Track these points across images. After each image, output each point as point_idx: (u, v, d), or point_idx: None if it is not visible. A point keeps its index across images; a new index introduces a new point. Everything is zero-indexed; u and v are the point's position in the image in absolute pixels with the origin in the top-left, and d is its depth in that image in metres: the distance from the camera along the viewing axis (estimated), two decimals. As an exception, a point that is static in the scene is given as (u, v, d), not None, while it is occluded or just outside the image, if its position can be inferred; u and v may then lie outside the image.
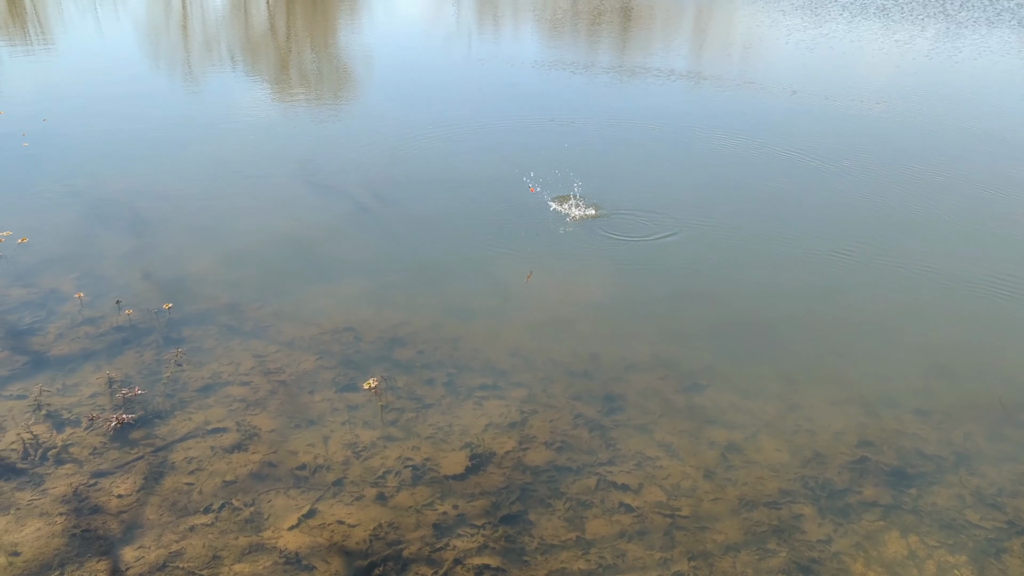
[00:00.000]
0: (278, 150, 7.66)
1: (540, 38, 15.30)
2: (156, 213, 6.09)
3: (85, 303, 4.75)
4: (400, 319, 4.79)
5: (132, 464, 3.49)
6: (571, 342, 4.61)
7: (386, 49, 13.77)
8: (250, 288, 5.07)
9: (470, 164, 7.44)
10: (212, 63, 12.41)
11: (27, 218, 5.84)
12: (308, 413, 3.91)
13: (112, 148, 7.56)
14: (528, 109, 9.54)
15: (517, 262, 5.53)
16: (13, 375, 4.07)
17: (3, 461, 3.46)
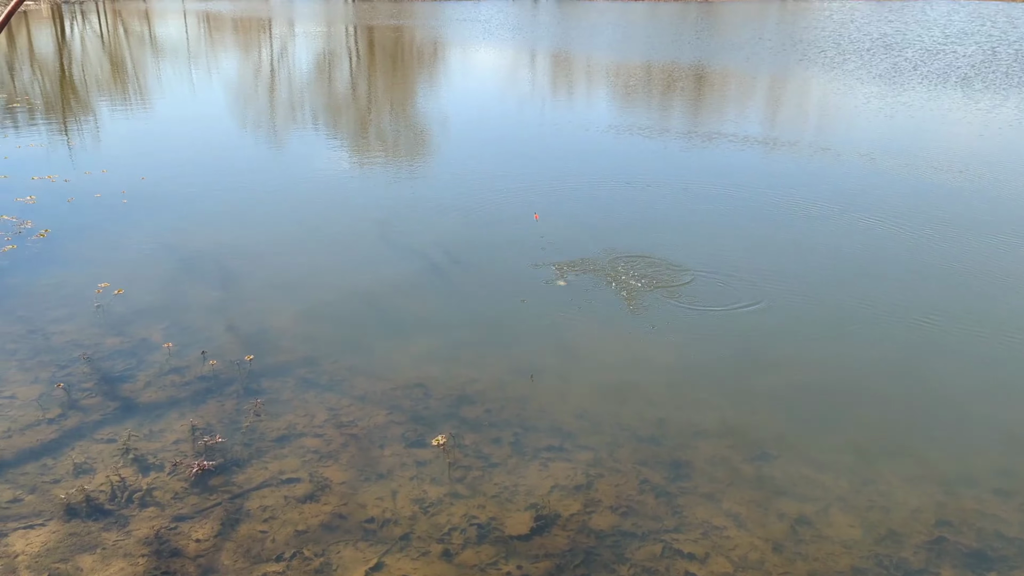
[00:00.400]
0: (356, 209, 7.96)
1: (614, 103, 15.56)
2: (241, 268, 6.38)
3: (173, 353, 4.99)
4: (469, 377, 4.88)
5: (211, 510, 3.63)
6: (638, 406, 4.62)
7: (462, 112, 14.21)
8: (326, 342, 5.25)
9: (542, 225, 7.57)
10: (296, 125, 13.02)
11: (124, 270, 6.19)
12: (378, 467, 4.00)
13: (202, 205, 7.98)
14: (602, 172, 9.69)
15: (587, 324, 5.59)
16: (104, 420, 4.29)
17: (92, 502, 3.64)
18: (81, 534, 3.43)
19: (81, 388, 4.56)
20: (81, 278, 6.00)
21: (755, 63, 20.93)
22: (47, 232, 6.83)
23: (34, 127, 11.46)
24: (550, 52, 24.53)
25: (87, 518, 3.53)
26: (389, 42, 26.59)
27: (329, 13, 36.70)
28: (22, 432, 4.13)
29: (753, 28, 32.69)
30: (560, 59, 22.90)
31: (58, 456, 3.96)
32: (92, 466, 3.89)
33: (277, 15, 34.67)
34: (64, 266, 6.26)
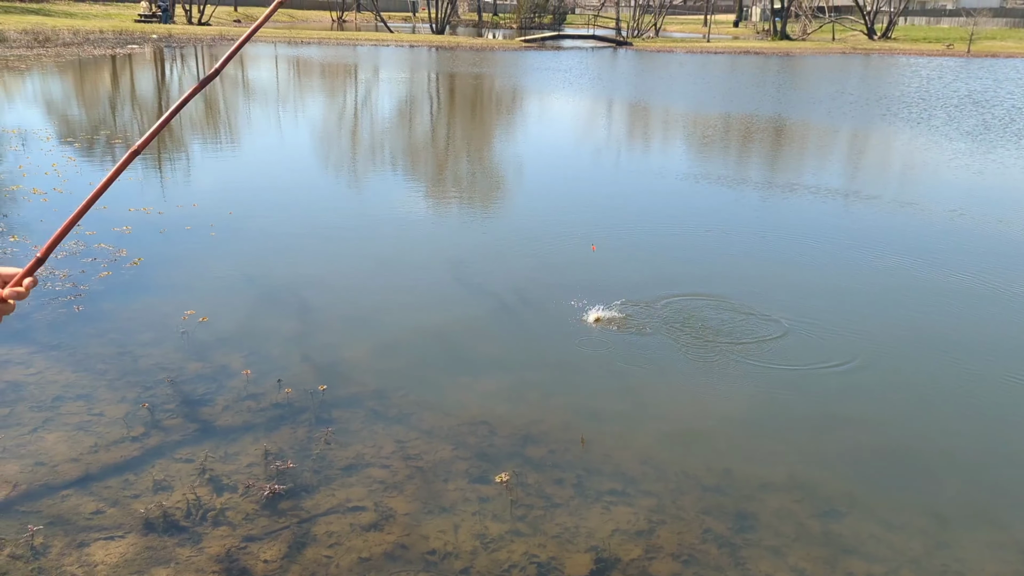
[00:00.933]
0: (430, 249, 8.15)
1: (690, 152, 15.58)
2: (318, 301, 6.59)
3: (250, 379, 5.18)
4: (534, 417, 4.92)
5: (279, 532, 3.73)
6: (704, 455, 4.57)
7: (537, 158, 14.43)
8: (396, 376, 5.37)
9: (615, 270, 7.61)
10: (376, 166, 13.44)
11: (209, 299, 6.47)
12: (441, 500, 4.06)
13: (285, 240, 8.29)
14: (678, 219, 9.70)
15: (656, 370, 5.58)
16: (184, 440, 4.47)
17: (169, 518, 3.79)
18: (157, 548, 3.58)
19: (164, 409, 4.77)
20: (169, 305, 6.30)
21: (837, 117, 20.69)
22: (140, 260, 7.20)
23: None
24: (628, 101, 24.75)
25: (163, 533, 3.68)
26: (469, 89, 27.26)
27: (413, 60, 37.89)
28: (107, 448, 4.34)
29: (835, 82, 32.37)
30: (637, 108, 23.08)
31: (139, 472, 4.14)
32: (170, 483, 4.05)
33: (363, 61, 35.97)
34: (154, 293, 6.58)
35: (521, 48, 49.70)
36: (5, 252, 7.24)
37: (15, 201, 9.10)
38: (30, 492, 3.91)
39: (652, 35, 66.55)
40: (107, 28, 41.91)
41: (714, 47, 54.32)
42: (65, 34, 36.62)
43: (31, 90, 20.51)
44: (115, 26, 43.70)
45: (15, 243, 7.53)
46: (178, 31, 44.94)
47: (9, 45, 30.42)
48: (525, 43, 52.80)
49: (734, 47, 54.76)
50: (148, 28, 44.96)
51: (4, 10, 46.22)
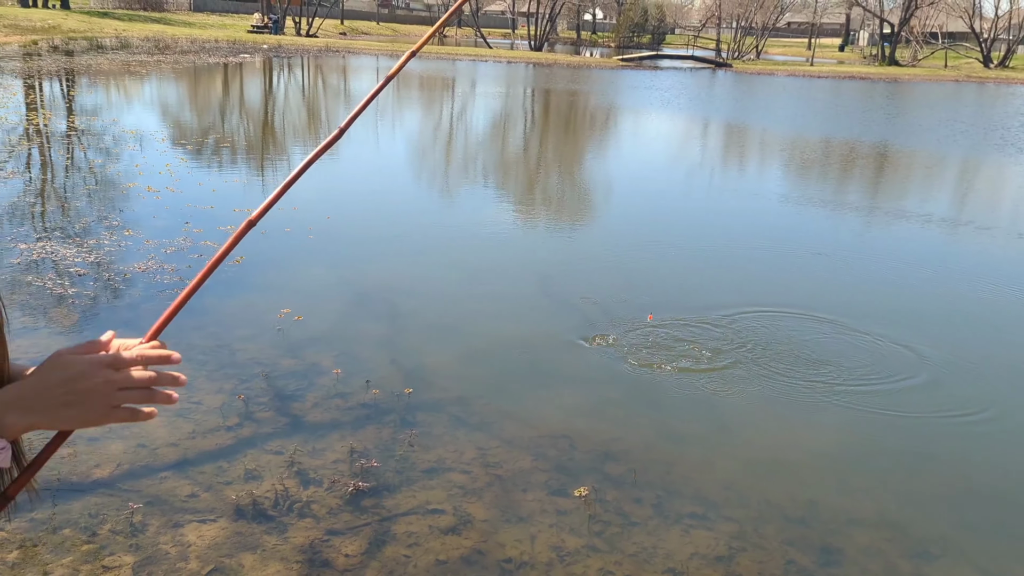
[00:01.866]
0: (517, 262, 8.22)
1: (787, 174, 15.24)
2: (408, 307, 6.73)
3: (340, 379, 5.33)
4: (615, 434, 4.89)
5: (360, 528, 3.82)
6: (789, 485, 4.45)
7: (629, 176, 14.38)
8: (480, 385, 5.43)
9: (705, 290, 7.51)
10: (468, 179, 13.64)
11: (304, 299, 6.69)
12: (519, 510, 4.07)
13: (378, 246, 8.51)
14: (771, 241, 9.49)
15: (743, 396, 5.47)
16: (275, 433, 4.63)
17: (258, 506, 3.93)
18: (246, 534, 3.71)
19: (257, 401, 4.96)
20: (267, 303, 6.54)
21: (948, 145, 19.87)
22: (242, 259, 7.50)
23: (237, 165, 12.67)
24: (724, 122, 24.39)
25: (252, 520, 3.82)
26: (564, 105, 27.39)
27: (510, 76, 38.34)
28: (204, 435, 4.53)
29: (947, 109, 31.11)
30: (734, 129, 22.72)
31: (232, 461, 4.31)
32: (260, 474, 4.20)
33: (461, 75, 36.63)
34: (253, 291, 6.85)
35: (618, 67, 49.66)
36: (120, 246, 7.67)
37: (130, 198, 9.64)
38: (132, 472, 4.13)
39: (753, 57, 65.47)
40: (222, 38, 44.03)
41: (817, 71, 53.01)
42: (183, 42, 38.67)
43: (149, 94, 21.71)
44: (229, 36, 45.87)
45: (129, 237, 7.96)
46: (287, 42, 46.81)
47: (132, 51, 32.30)
48: (622, 62, 52.75)
49: (838, 71, 53.29)
50: (259, 38, 46.99)
51: (129, 18, 49.15)
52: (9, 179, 10.16)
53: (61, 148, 12.75)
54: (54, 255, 7.29)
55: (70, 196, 9.79)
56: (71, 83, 21.25)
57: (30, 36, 33.50)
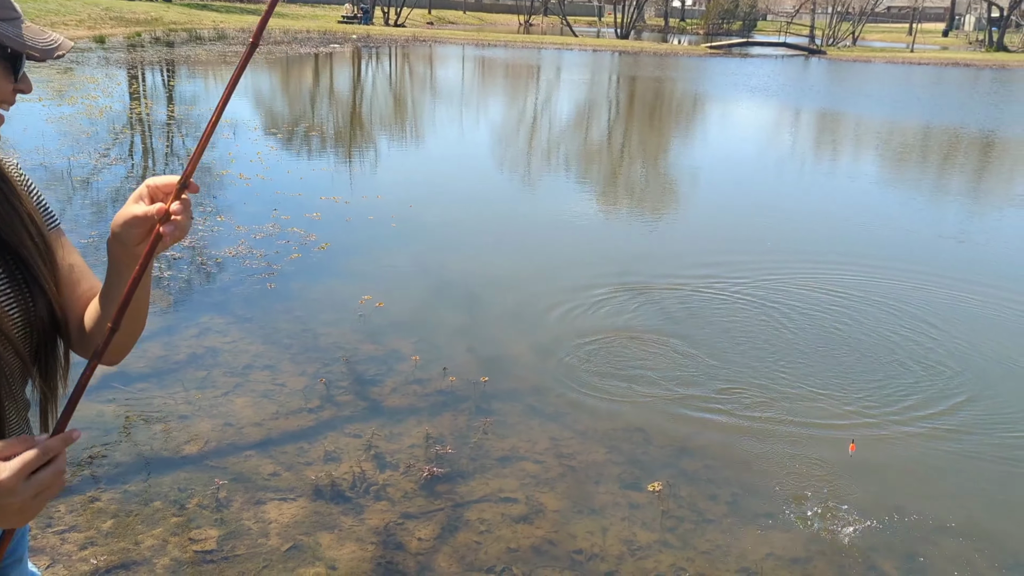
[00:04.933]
0: (597, 254, 8.16)
1: (880, 168, 14.65)
2: (486, 296, 6.78)
3: (418, 365, 5.42)
4: (692, 430, 4.82)
5: (434, 513, 3.88)
6: (875, 489, 4.30)
7: (715, 165, 14.09)
8: (555, 376, 5.43)
9: (793, 292, 7.31)
10: (550, 168, 13.62)
11: (385, 286, 6.82)
12: (591, 502, 4.06)
13: (459, 235, 8.59)
14: (866, 231, 9.16)
15: (825, 396, 5.31)
16: (354, 416, 4.75)
17: (336, 487, 4.04)
18: (323, 514, 3.82)
19: (338, 385, 5.08)
20: (350, 289, 6.70)
21: (1055, 135, 18.73)
22: (327, 245, 7.70)
23: (325, 153, 12.98)
24: (816, 110, 23.60)
25: (330, 501, 3.93)
26: (649, 93, 27.01)
27: (595, 63, 38.02)
28: (287, 416, 4.68)
29: (1057, 96, 29.31)
30: (826, 117, 21.96)
31: (313, 442, 4.44)
32: (339, 455, 4.31)
33: (546, 63, 36.53)
34: (337, 277, 7.02)
35: (706, 54, 48.64)
36: (213, 231, 7.97)
37: (224, 185, 10.00)
38: (219, 449, 4.30)
39: (849, 44, 63.09)
40: (313, 28, 45.13)
41: (918, 57, 50.70)
42: (276, 33, 39.80)
43: (243, 83, 22.43)
44: (320, 26, 46.97)
45: (221, 223, 8.26)
46: (376, 32, 47.61)
47: (228, 42, 33.42)
48: (711, 49, 51.63)
49: (941, 58, 50.83)
50: (349, 28, 47.94)
51: (227, 10, 50.86)
52: (113, 165, 10.67)
53: (161, 136, 13.33)
54: (152, 239, 7.64)
55: (168, 182, 10.22)
56: (171, 73, 22.16)
57: (134, 28, 35.08)
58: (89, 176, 9.93)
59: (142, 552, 3.47)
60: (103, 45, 27.67)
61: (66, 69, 20.26)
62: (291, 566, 3.45)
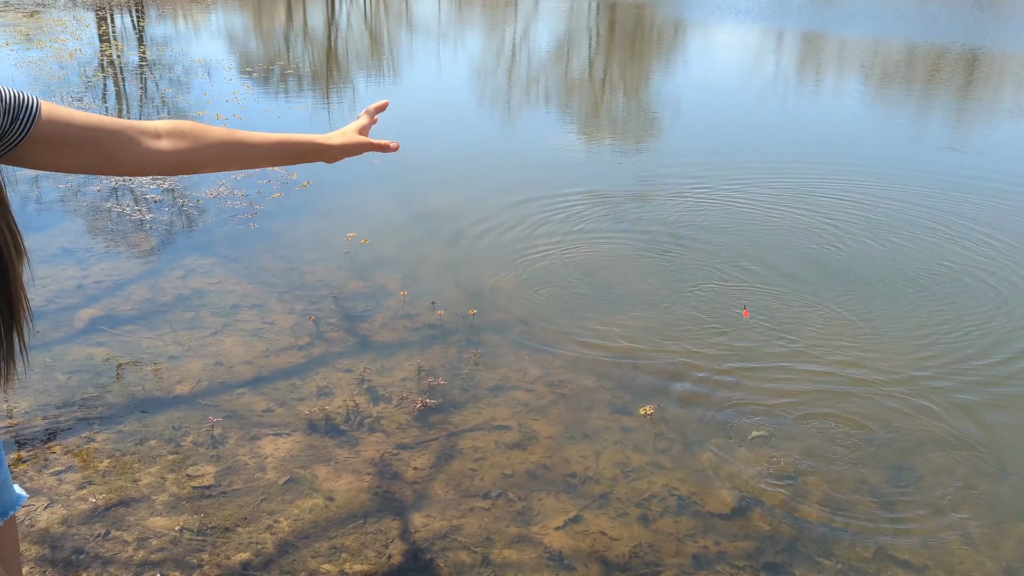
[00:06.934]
0: (583, 185, 8.09)
1: (865, 91, 14.53)
2: (470, 230, 6.73)
3: (406, 300, 5.41)
4: (680, 355, 4.85)
5: (428, 443, 3.92)
6: (862, 405, 4.37)
7: (697, 96, 13.92)
8: (543, 306, 5.44)
9: (773, 215, 7.30)
10: (530, 101, 13.41)
11: (370, 223, 6.76)
12: (583, 427, 4.11)
13: (442, 171, 8.49)
14: (852, 162, 9.13)
15: (815, 312, 5.35)
16: (345, 352, 4.75)
17: (330, 421, 4.06)
18: (319, 447, 3.85)
19: (327, 322, 5.07)
20: (334, 227, 6.63)
21: (1039, 53, 18.58)
22: (309, 184, 7.60)
23: (303, 93, 12.72)
24: (800, 33, 23.27)
25: (324, 434, 3.95)
26: (630, 21, 26.50)
27: (573, -7, 37.18)
28: (277, 354, 4.68)
29: (1041, 14, 28.96)
30: (811, 40, 21.68)
31: (304, 378, 4.44)
32: (332, 391, 4.33)
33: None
34: (320, 215, 6.95)
35: (687, -20, 47.57)
36: (192, 172, 7.83)
37: (201, 126, 9.79)
38: (211, 388, 4.30)
39: (831, -35, 61.84)
40: (283, -36, 43.63)
41: (901, -23, 49.73)
42: (246, -30, 38.48)
43: (215, 23, 21.82)
44: (290, -38, 45.42)
45: (200, 164, 8.12)
46: (348, -34, 46.16)
47: (197, -19, 32.34)
48: (691, -25, 50.45)
49: (925, -23, 49.90)
50: (320, -36, 46.41)
51: (193, -52, 49.05)
52: (87, 109, 10.39)
53: (134, 79, 12.99)
54: (131, 182, 7.50)
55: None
56: (140, 14, 21.50)
57: (98, -31, 33.86)
58: (61, 121, 9.69)
59: (140, 490, 3.49)
60: (67, -13, 26.72)
61: (32, 13, 19.62)
62: (289, 498, 3.49)
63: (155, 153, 1.56)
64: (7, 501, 1.67)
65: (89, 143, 1.50)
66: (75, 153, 1.49)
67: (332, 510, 3.44)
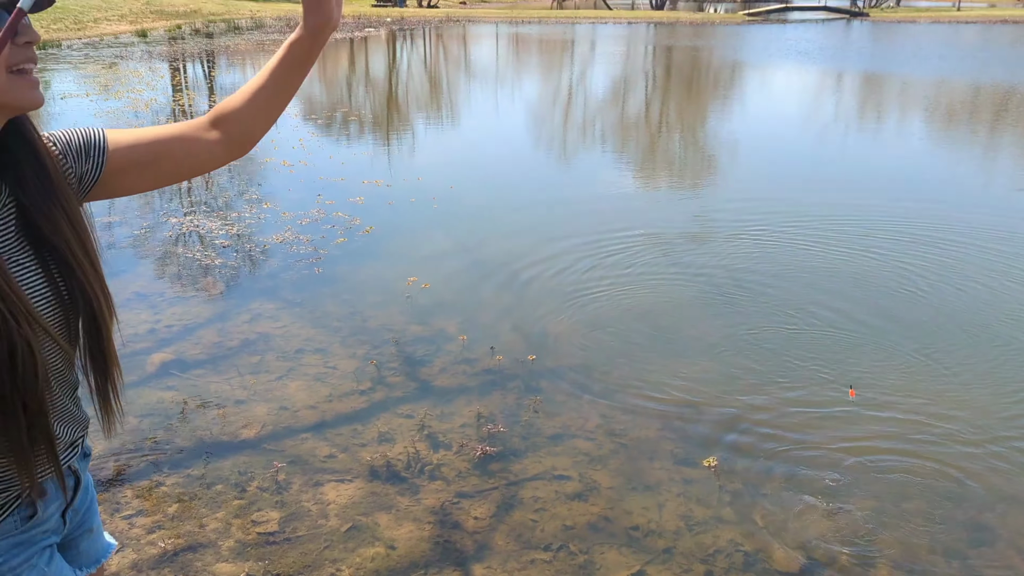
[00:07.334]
0: (639, 228, 8.07)
1: (929, 131, 14.25)
2: (529, 274, 6.76)
3: (465, 345, 5.44)
4: (744, 404, 4.76)
5: (488, 492, 3.91)
6: (940, 462, 4.21)
7: (755, 137, 13.83)
8: (603, 352, 5.41)
9: (840, 262, 7.17)
10: (587, 143, 13.50)
11: (430, 267, 6.85)
12: (645, 478, 4.05)
13: (499, 214, 8.58)
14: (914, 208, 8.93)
15: (886, 369, 5.21)
16: (405, 397, 4.79)
17: (391, 467, 4.08)
18: (380, 494, 3.87)
19: (388, 367, 5.13)
20: (395, 271, 6.74)
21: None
22: (371, 229, 7.75)
23: (364, 137, 13.04)
24: (859, 73, 23.01)
25: (386, 481, 3.98)
26: (686, 64, 26.58)
27: (630, 36, 37.52)
28: (340, 398, 4.74)
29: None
30: (872, 81, 21.41)
31: (366, 423, 4.49)
32: (393, 436, 4.36)
33: (580, 38, 36.14)
34: (382, 259, 7.07)
35: (744, 22, 47.69)
36: (260, 218, 8.07)
37: (267, 172, 10.11)
38: (275, 432, 4.37)
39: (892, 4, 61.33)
40: (348, 13, 45.17)
41: (965, 16, 49.11)
42: (311, 20, 39.83)
43: (282, 71, 22.55)
44: (355, 11, 47.01)
45: (267, 210, 8.37)
46: (409, 14, 47.55)
47: (266, 31, 33.68)
48: (748, 16, 50.61)
49: (990, 16, 49.17)
50: (383, 12, 47.95)
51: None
52: (159, 157, 10.84)
53: (203, 126, 13.48)
54: (200, 228, 7.76)
55: (213, 172, 10.37)
56: (211, 64, 22.41)
57: (174, 21, 35.47)
58: (136, 168, 10.11)
59: (207, 535, 3.55)
60: (145, 39, 28.05)
61: (111, 64, 20.62)
62: (351, 546, 3.51)
63: (215, 144, 1.56)
64: (99, 549, 1.72)
65: (162, 157, 1.52)
66: (151, 171, 1.53)
67: (394, 559, 3.44)
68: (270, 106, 1.55)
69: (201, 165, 1.58)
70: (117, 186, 1.50)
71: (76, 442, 1.54)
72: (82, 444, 1.58)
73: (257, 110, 1.56)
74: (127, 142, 1.48)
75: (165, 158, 1.53)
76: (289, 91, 1.55)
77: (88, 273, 1.41)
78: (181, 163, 1.55)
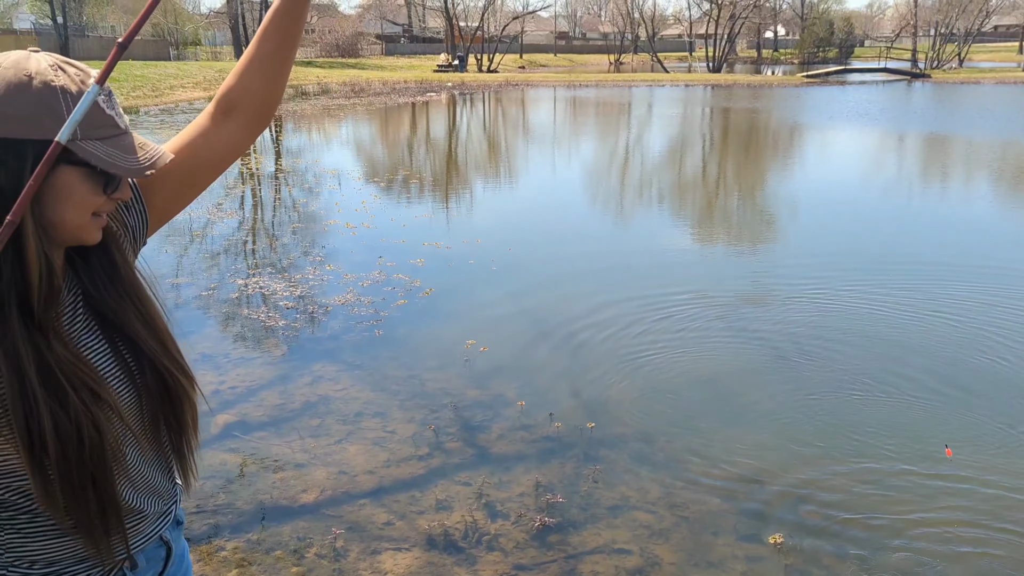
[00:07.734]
0: (699, 291, 7.99)
1: (996, 192, 13.91)
2: (588, 338, 6.73)
3: (523, 411, 5.41)
4: (811, 478, 4.61)
5: (547, 565, 3.83)
6: (1018, 537, 3.99)
7: (814, 198, 13.67)
8: (664, 420, 5.32)
9: (909, 326, 6.97)
10: (644, 205, 13.52)
11: (488, 330, 6.88)
12: (708, 554, 3.93)
13: (558, 276, 8.61)
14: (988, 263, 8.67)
15: (952, 442, 5.00)
16: (463, 463, 4.77)
17: (448, 537, 4.05)
18: (437, 564, 3.83)
19: (446, 432, 5.13)
20: (454, 334, 6.78)
21: None
22: (431, 291, 7.84)
23: (424, 200, 13.30)
24: (921, 134, 22.68)
25: (443, 551, 3.94)
26: (744, 125, 26.59)
27: (687, 98, 37.81)
28: (398, 464, 4.74)
29: None
30: (936, 142, 21.08)
31: (424, 490, 4.47)
32: (450, 504, 4.33)
33: (637, 100, 36.53)
34: (441, 322, 7.13)
35: (803, 84, 47.66)
36: (323, 280, 8.24)
37: (330, 234, 10.36)
38: (334, 498, 4.38)
39: (955, 66, 60.69)
40: (410, 79, 46.64)
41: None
42: (376, 85, 41.34)
43: (345, 134, 23.34)
44: (417, 76, 48.50)
45: (331, 271, 8.55)
46: (470, 79, 48.81)
47: (332, 96, 34.92)
48: (807, 78, 50.54)
49: (1058, 73, 48.16)
50: (444, 77, 49.34)
51: (329, 66, 53.19)
52: (227, 218, 11.23)
53: (270, 188, 13.96)
54: (265, 289, 7.96)
55: (278, 233, 10.68)
56: (279, 128, 23.26)
57: (244, 87, 37.02)
58: (204, 229, 10.48)
59: (265, 601, 3.55)
60: (216, 104, 29.27)
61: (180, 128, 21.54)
62: (408, 618, 3.46)
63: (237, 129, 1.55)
64: None
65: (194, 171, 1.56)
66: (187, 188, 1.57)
67: (450, 633, 3.39)
68: (279, 65, 1.52)
69: (231, 154, 1.59)
70: (165, 215, 1.58)
71: (167, 512, 1.58)
72: (175, 513, 1.62)
73: (267, 76, 1.51)
74: (157, 177, 1.50)
75: (197, 171, 1.56)
76: (292, 42, 1.51)
77: (156, 351, 1.46)
78: (213, 165, 1.58)
